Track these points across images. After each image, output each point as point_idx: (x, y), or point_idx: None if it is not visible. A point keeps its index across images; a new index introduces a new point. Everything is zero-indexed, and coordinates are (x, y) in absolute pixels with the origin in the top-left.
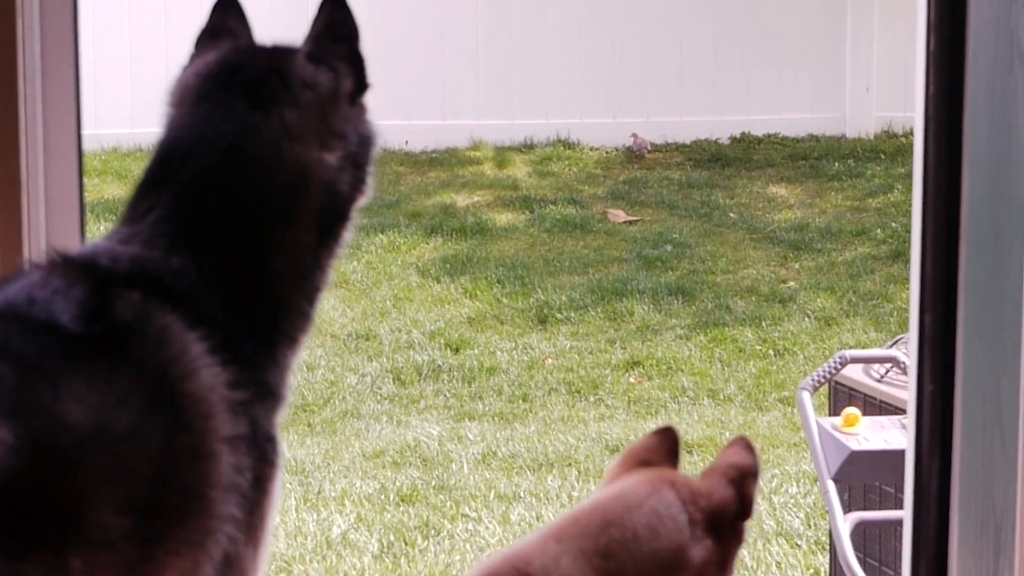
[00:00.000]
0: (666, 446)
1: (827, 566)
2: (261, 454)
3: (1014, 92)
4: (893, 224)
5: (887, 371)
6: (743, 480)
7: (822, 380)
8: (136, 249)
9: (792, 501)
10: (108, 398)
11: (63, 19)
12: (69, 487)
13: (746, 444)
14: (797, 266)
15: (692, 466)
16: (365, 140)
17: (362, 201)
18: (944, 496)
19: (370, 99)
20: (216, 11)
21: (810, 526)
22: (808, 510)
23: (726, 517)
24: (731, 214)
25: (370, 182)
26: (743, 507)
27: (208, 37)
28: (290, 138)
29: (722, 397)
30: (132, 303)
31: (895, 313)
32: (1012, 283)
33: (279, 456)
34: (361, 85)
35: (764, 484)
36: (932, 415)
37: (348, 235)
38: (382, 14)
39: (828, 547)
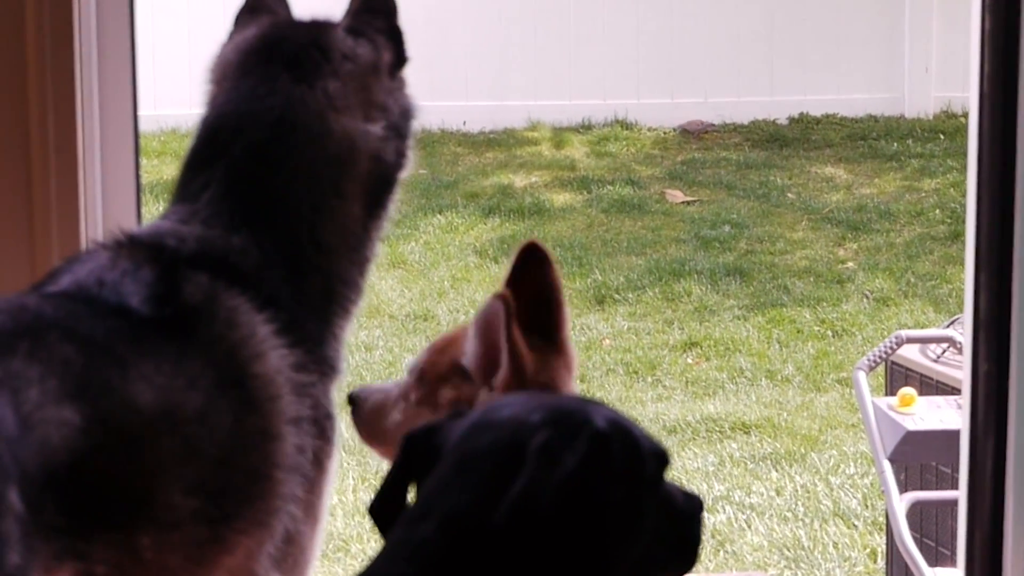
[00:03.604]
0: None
1: (883, 546)
2: (320, 432)
3: None
4: (951, 204)
5: (944, 351)
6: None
7: (878, 360)
8: (198, 229)
9: (849, 482)
10: (177, 380)
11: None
12: (137, 468)
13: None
14: (855, 247)
15: (749, 446)
16: (406, 111)
17: (405, 172)
18: (999, 476)
19: (427, 79)
20: None
21: (867, 506)
22: (865, 491)
23: None
24: (789, 194)
25: (411, 154)
26: None
27: (247, 13)
28: (335, 109)
29: (780, 378)
30: (200, 285)
31: (953, 294)
32: None
33: (336, 433)
34: (400, 58)
35: (822, 464)
36: (987, 395)
37: (393, 207)
38: None
39: (885, 527)
